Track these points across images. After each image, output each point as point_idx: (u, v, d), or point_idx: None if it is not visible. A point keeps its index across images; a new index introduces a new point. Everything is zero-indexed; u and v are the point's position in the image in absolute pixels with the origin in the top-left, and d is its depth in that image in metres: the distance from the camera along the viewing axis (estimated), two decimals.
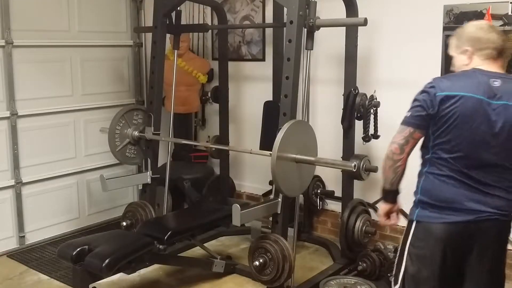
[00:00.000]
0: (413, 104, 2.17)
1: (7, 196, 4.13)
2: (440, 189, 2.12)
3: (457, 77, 2.19)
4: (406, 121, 2.16)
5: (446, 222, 2.10)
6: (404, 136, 2.14)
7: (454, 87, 2.10)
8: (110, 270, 2.91)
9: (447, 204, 2.10)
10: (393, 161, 2.17)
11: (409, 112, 2.16)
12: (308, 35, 3.21)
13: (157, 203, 4.11)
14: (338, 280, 3.41)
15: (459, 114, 2.07)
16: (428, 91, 2.13)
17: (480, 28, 2.20)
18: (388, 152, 2.16)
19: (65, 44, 4.39)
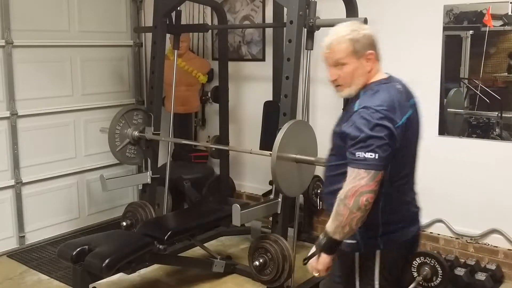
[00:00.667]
0: (379, 142, 1.82)
1: (7, 196, 4.13)
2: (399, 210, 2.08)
3: (392, 95, 1.95)
4: (379, 165, 1.83)
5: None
6: (377, 182, 1.83)
7: (396, 106, 1.92)
8: (110, 270, 2.91)
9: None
10: (365, 212, 1.83)
11: (375, 154, 1.81)
12: (308, 35, 3.21)
13: (157, 203, 4.11)
14: None
15: (408, 137, 1.97)
16: (387, 125, 1.85)
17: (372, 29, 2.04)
18: (360, 204, 1.80)
19: (65, 44, 4.39)
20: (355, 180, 1.82)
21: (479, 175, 3.60)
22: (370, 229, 1.94)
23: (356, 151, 1.84)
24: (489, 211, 3.59)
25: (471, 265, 3.47)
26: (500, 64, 3.47)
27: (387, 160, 1.85)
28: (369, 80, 2.00)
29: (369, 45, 2.00)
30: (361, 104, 1.92)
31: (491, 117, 3.55)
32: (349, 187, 1.83)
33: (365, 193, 1.80)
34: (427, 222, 3.87)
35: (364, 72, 1.99)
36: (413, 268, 3.37)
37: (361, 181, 1.81)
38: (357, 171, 1.82)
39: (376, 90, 1.95)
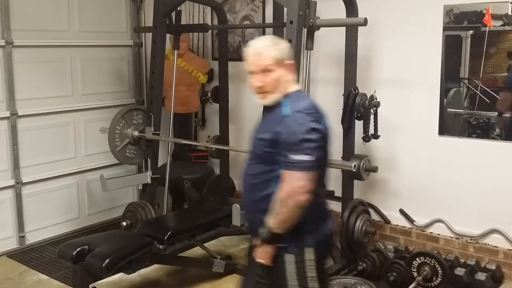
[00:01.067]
0: (312, 145, 1.96)
1: (7, 196, 4.13)
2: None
3: (309, 100, 2.15)
4: (314, 166, 1.96)
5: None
6: (313, 182, 1.97)
7: (320, 111, 2.09)
8: (110, 270, 2.91)
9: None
10: (303, 209, 1.96)
11: (310, 156, 1.94)
12: (308, 35, 3.21)
13: (157, 203, 4.11)
14: (338, 280, 3.40)
15: (328, 141, 2.10)
16: (319, 128, 2.00)
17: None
18: (300, 203, 1.94)
19: (65, 44, 4.39)
20: (293, 182, 1.94)
21: (479, 175, 3.60)
22: (298, 229, 2.03)
23: (292, 155, 1.95)
24: (489, 211, 3.59)
25: (471, 265, 3.47)
26: (500, 64, 3.47)
27: (320, 161, 2.00)
28: (289, 89, 2.13)
29: (290, 56, 2.14)
30: (291, 108, 2.04)
31: (491, 117, 3.55)
32: (288, 189, 1.94)
33: (303, 193, 1.94)
34: (427, 222, 3.87)
35: (286, 80, 2.12)
36: (413, 268, 3.38)
37: (299, 182, 1.93)
38: (294, 173, 1.94)
39: (300, 97, 2.12)
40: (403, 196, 3.97)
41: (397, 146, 3.91)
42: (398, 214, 4.00)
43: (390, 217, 4.05)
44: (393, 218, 4.04)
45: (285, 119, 2.01)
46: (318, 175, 2.05)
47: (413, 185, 3.89)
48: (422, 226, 3.90)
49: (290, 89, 2.13)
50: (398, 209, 3.99)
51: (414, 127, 3.83)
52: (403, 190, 3.96)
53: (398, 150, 3.91)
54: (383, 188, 4.03)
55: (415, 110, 3.81)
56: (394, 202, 4.00)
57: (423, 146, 3.82)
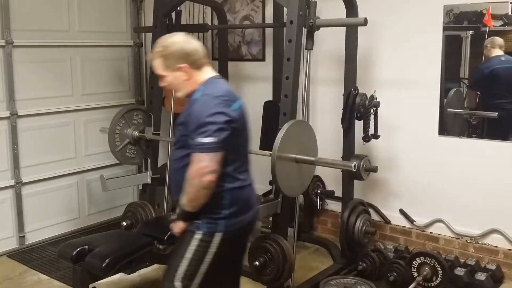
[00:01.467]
0: (214, 127, 2.06)
1: (7, 196, 4.13)
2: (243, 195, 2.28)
3: (226, 85, 2.28)
4: (217, 147, 2.06)
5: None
6: (217, 162, 2.07)
7: (232, 95, 2.19)
8: (110, 270, 2.91)
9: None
10: (209, 189, 2.08)
11: (213, 138, 2.04)
12: (308, 35, 3.21)
13: (157, 203, 4.11)
14: (338, 280, 3.40)
15: (242, 122, 2.22)
16: (223, 111, 2.10)
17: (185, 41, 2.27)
18: (204, 183, 2.05)
19: (65, 44, 4.39)
20: (197, 163, 2.05)
21: (479, 175, 3.60)
22: (213, 212, 2.16)
23: (196, 137, 2.06)
24: (489, 211, 3.59)
25: (471, 265, 3.47)
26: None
27: (225, 142, 2.07)
28: (197, 82, 2.25)
29: (180, 58, 2.21)
30: (200, 94, 2.18)
31: (491, 117, 3.55)
32: (193, 169, 2.06)
33: (207, 173, 2.05)
34: (427, 222, 3.88)
35: (184, 80, 2.24)
36: (413, 268, 3.38)
37: (202, 163, 2.04)
38: (198, 155, 2.06)
39: (213, 82, 2.24)
40: (403, 196, 3.97)
41: (397, 146, 3.91)
42: (398, 214, 4.00)
43: (390, 217, 4.05)
44: (393, 218, 4.04)
45: (194, 102, 2.16)
46: (234, 158, 2.17)
47: (413, 185, 3.89)
48: (422, 226, 3.90)
49: (203, 77, 2.25)
50: (398, 209, 3.99)
51: (414, 127, 3.83)
52: (403, 190, 3.96)
53: (398, 150, 3.91)
54: (383, 188, 4.03)
55: (415, 110, 3.81)
56: (394, 202, 4.00)
57: (423, 146, 3.82)
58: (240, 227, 2.24)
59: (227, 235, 2.19)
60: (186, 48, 2.23)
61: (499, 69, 3.47)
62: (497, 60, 3.44)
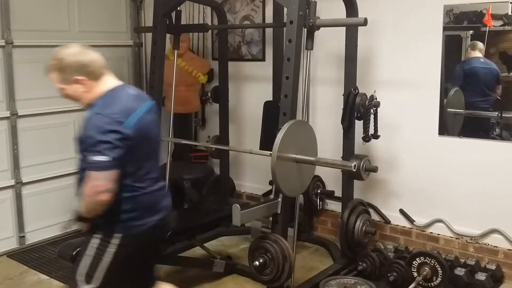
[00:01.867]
0: (107, 146, 2.06)
1: (7, 196, 4.13)
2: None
3: (123, 100, 2.21)
4: (112, 166, 2.07)
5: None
6: (112, 181, 2.09)
7: (129, 109, 2.17)
8: None
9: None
10: (105, 205, 2.11)
11: (106, 156, 2.05)
12: (308, 35, 3.21)
13: None
14: (338, 280, 3.40)
15: (144, 135, 2.21)
16: (116, 129, 2.09)
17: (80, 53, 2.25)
18: (98, 202, 2.09)
19: (65, 44, 4.38)
20: (92, 181, 2.07)
21: (479, 175, 3.60)
22: (113, 215, 2.18)
23: (89, 155, 2.07)
24: (489, 211, 3.59)
25: (471, 265, 3.47)
26: (500, 64, 3.47)
27: (119, 160, 2.08)
28: (97, 93, 2.24)
29: (76, 71, 2.20)
30: (94, 111, 2.16)
31: (491, 117, 3.55)
32: (88, 187, 2.08)
33: (101, 192, 2.06)
34: (427, 222, 3.88)
35: (83, 92, 2.23)
36: (413, 268, 3.38)
37: (96, 181, 2.06)
38: (92, 173, 2.07)
39: (108, 97, 2.21)
40: (403, 196, 3.97)
41: (397, 146, 3.91)
42: (398, 214, 4.00)
43: (390, 217, 4.05)
44: (393, 218, 4.04)
45: (87, 121, 2.14)
46: (133, 171, 2.19)
47: (413, 185, 3.89)
48: (422, 226, 3.90)
49: (103, 87, 2.25)
50: (398, 209, 3.99)
51: (414, 127, 3.83)
52: (403, 190, 3.96)
53: (398, 150, 3.91)
54: (383, 188, 4.03)
55: (415, 110, 3.81)
56: (394, 202, 4.00)
57: (423, 146, 3.82)
58: (143, 230, 2.26)
59: (127, 237, 2.23)
60: (82, 60, 2.23)
61: (477, 68, 3.59)
62: (477, 61, 3.58)
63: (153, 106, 2.36)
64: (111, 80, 2.32)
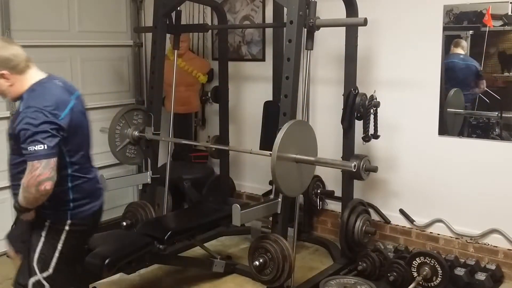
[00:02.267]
0: (44, 135, 2.14)
1: (7, 196, 4.11)
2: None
3: (53, 92, 2.29)
4: (50, 154, 2.15)
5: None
6: (51, 169, 2.16)
7: (61, 101, 2.27)
8: (110, 270, 2.91)
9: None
10: (47, 194, 2.18)
11: (43, 145, 2.13)
12: (308, 35, 3.21)
13: (157, 203, 4.11)
14: (338, 280, 3.41)
15: (76, 124, 2.33)
16: (50, 120, 2.18)
17: (2, 47, 2.29)
18: (40, 191, 2.15)
19: (65, 44, 4.39)
20: (32, 171, 2.13)
21: (479, 175, 3.60)
22: (61, 205, 2.31)
23: (27, 146, 2.13)
24: (489, 211, 3.59)
25: (471, 265, 3.47)
26: (499, 64, 3.47)
27: (55, 148, 2.17)
28: (24, 86, 2.29)
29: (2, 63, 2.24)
30: (25, 105, 2.21)
31: (491, 117, 3.55)
32: (28, 177, 2.14)
33: (43, 181, 2.13)
34: (427, 222, 3.88)
35: (9, 86, 2.28)
36: (413, 268, 3.38)
37: (36, 171, 2.12)
38: (31, 163, 2.13)
39: (37, 90, 2.27)
40: (403, 196, 3.97)
41: (397, 146, 3.91)
42: (398, 214, 4.00)
43: (390, 217, 4.05)
44: (393, 218, 4.04)
45: (21, 114, 2.19)
46: (72, 161, 2.30)
47: (413, 185, 3.89)
48: (422, 226, 3.90)
49: (29, 82, 2.30)
50: (398, 209, 3.99)
51: (414, 127, 3.83)
52: (403, 190, 3.96)
53: (398, 150, 3.92)
54: (383, 188, 4.03)
55: (415, 110, 3.81)
56: (394, 202, 4.00)
57: (423, 146, 3.82)
58: (88, 215, 2.41)
59: (76, 224, 2.36)
60: (4, 54, 2.26)
61: (456, 63, 3.66)
62: (457, 57, 3.64)
63: (80, 96, 2.48)
64: (36, 72, 2.37)
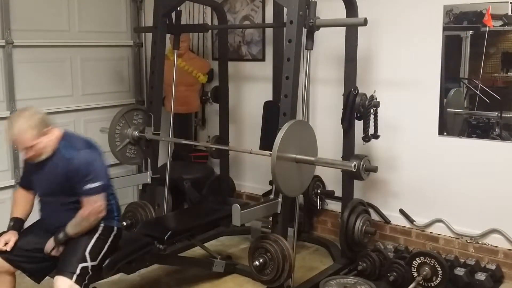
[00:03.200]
0: (99, 173, 2.68)
1: (7, 196, 4.12)
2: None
3: (78, 138, 2.84)
4: (105, 187, 2.71)
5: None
6: (105, 198, 2.72)
7: (91, 144, 2.81)
8: (110, 270, 2.91)
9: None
10: (99, 219, 2.73)
11: (101, 182, 2.66)
12: (308, 35, 3.21)
13: (157, 203, 4.11)
14: (338, 280, 3.41)
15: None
16: (98, 158, 2.73)
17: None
18: (99, 217, 2.70)
19: (65, 44, 4.39)
20: (93, 204, 2.65)
21: (479, 175, 3.60)
22: (111, 219, 2.83)
23: (88, 185, 2.62)
24: (489, 211, 3.59)
25: (471, 265, 3.47)
26: (500, 64, 3.47)
27: (109, 180, 2.79)
28: (57, 140, 2.69)
29: (45, 124, 2.65)
30: (72, 150, 2.66)
31: (491, 117, 3.55)
32: (89, 210, 2.64)
33: (101, 210, 2.69)
34: (427, 222, 3.88)
35: (50, 141, 2.66)
36: (413, 268, 3.38)
37: (97, 203, 2.66)
38: (92, 198, 2.64)
39: (70, 138, 2.75)
40: (403, 196, 3.97)
41: (397, 146, 3.91)
42: (398, 214, 4.00)
43: (390, 217, 4.05)
44: (393, 218, 4.04)
45: (71, 161, 2.62)
46: (110, 184, 2.83)
47: (413, 185, 3.89)
48: (422, 226, 3.90)
49: (55, 137, 2.68)
50: (398, 209, 3.99)
51: (414, 127, 3.83)
52: (403, 190, 3.96)
53: (398, 150, 3.92)
54: (383, 188, 4.03)
55: (415, 110, 3.81)
56: (394, 202, 4.00)
57: (423, 146, 3.82)
58: (119, 227, 2.91)
59: (118, 230, 2.88)
60: (44, 113, 2.71)
61: None
62: None
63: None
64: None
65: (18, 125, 2.58)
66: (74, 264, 2.61)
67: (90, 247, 2.70)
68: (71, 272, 2.58)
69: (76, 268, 2.60)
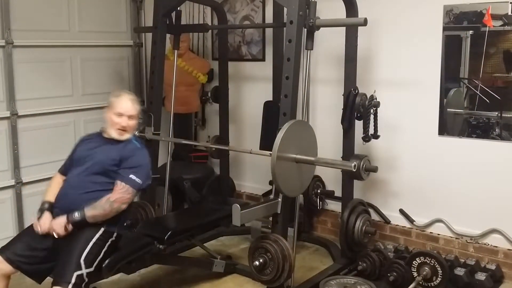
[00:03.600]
0: (147, 173, 2.93)
1: (7, 196, 4.13)
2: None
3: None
4: (141, 188, 2.93)
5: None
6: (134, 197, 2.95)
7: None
8: (110, 270, 2.91)
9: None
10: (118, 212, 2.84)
11: (142, 180, 2.88)
12: (308, 35, 3.21)
13: (157, 203, 4.11)
14: (338, 280, 3.41)
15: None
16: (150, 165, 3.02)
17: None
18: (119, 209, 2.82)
19: (65, 44, 4.39)
20: (124, 193, 2.81)
21: (479, 175, 3.60)
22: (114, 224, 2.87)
23: (131, 174, 2.82)
24: (489, 211, 3.59)
25: (471, 265, 3.47)
26: (500, 64, 3.47)
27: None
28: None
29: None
30: (138, 145, 2.98)
31: (491, 117, 3.55)
32: (118, 196, 2.79)
33: (126, 203, 2.84)
34: (427, 222, 3.88)
35: (135, 126, 3.01)
36: (413, 268, 3.38)
37: (127, 195, 2.82)
38: (127, 188, 2.81)
39: (137, 139, 3.08)
40: (403, 196, 3.98)
41: (397, 146, 3.91)
42: (398, 214, 4.00)
43: (390, 217, 4.05)
44: (393, 218, 4.04)
45: (138, 150, 2.93)
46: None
47: (413, 185, 3.89)
48: (422, 226, 3.90)
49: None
50: (398, 209, 3.99)
51: (414, 127, 3.83)
52: (403, 190, 3.96)
53: (398, 150, 3.92)
54: (383, 188, 4.03)
55: (415, 110, 3.81)
56: (394, 202, 4.00)
57: (423, 146, 3.82)
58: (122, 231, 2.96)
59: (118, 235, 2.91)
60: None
61: None
62: None
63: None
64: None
65: (133, 96, 3.00)
66: (69, 273, 2.64)
67: (86, 253, 2.71)
68: (66, 282, 2.62)
69: (71, 278, 2.63)
